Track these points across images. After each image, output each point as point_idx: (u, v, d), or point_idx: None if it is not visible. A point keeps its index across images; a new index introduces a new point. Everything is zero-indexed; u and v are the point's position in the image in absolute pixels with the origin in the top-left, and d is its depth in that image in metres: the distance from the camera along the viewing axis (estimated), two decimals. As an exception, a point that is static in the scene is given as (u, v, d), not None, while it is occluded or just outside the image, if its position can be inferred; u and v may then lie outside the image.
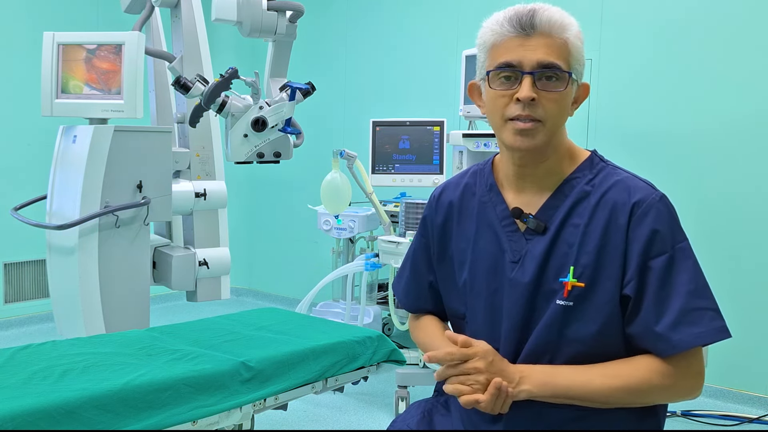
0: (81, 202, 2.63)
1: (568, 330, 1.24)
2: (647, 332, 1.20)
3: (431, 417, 1.44)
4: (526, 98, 1.21)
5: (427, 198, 1.54)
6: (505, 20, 1.24)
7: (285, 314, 2.53)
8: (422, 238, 1.49)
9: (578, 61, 1.25)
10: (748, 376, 3.22)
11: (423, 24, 4.33)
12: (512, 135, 1.24)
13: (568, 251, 1.25)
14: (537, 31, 1.22)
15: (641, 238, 1.21)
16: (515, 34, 1.22)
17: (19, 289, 4.34)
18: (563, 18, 1.24)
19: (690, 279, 1.21)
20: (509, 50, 1.23)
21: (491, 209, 1.36)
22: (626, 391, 1.20)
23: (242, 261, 5.19)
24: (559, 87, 1.23)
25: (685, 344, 1.18)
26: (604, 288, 1.23)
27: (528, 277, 1.27)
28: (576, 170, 1.31)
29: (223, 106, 2.59)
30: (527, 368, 1.23)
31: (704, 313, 1.19)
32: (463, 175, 1.46)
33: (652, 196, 1.24)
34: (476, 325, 1.34)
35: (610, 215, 1.24)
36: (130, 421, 1.60)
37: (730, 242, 3.24)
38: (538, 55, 1.21)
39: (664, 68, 3.44)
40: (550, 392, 1.20)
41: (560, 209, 1.28)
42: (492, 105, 1.27)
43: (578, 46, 1.25)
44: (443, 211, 1.44)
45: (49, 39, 2.74)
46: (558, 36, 1.22)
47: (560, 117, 1.26)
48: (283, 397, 1.93)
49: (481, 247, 1.35)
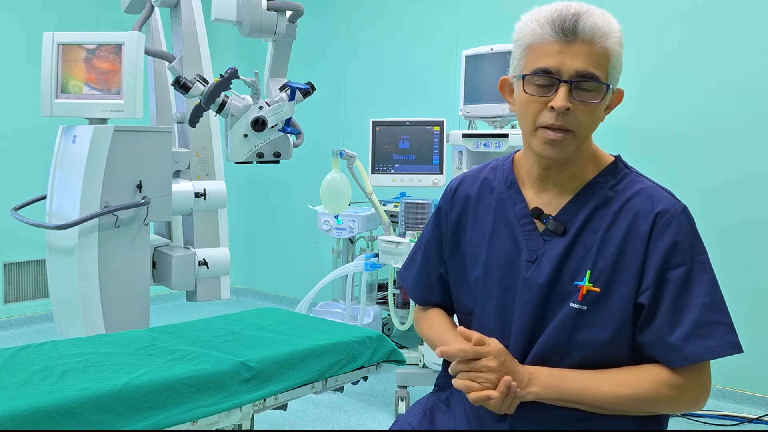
0: (81, 202, 2.63)
1: (579, 334, 1.23)
2: (659, 342, 1.20)
3: (433, 414, 1.42)
4: (561, 108, 1.18)
5: (427, 198, 1.54)
6: (546, 22, 1.19)
7: (285, 314, 2.53)
8: (435, 230, 1.46)
9: (617, 69, 1.23)
10: (748, 376, 3.22)
11: (423, 24, 4.33)
12: (541, 144, 1.23)
13: (586, 255, 1.25)
14: (579, 39, 1.18)
15: (662, 248, 1.21)
16: (556, 38, 1.19)
17: (19, 289, 4.33)
18: (606, 25, 1.20)
19: (707, 292, 1.20)
20: (548, 55, 1.19)
21: (510, 207, 1.34)
22: (634, 400, 1.20)
23: (242, 261, 5.19)
24: (595, 98, 1.21)
25: (697, 357, 1.19)
26: (619, 294, 1.22)
27: (543, 278, 1.26)
28: (599, 174, 1.30)
29: (223, 106, 2.59)
30: (537, 370, 1.22)
31: (718, 327, 1.19)
32: (481, 169, 1.43)
33: (675, 207, 1.23)
34: (486, 322, 1.33)
35: (632, 223, 1.23)
36: (130, 421, 1.60)
37: (730, 242, 3.24)
38: (577, 64, 1.18)
39: (664, 68, 3.44)
40: (557, 396, 1.20)
41: (581, 212, 1.27)
42: (524, 109, 1.25)
43: (618, 53, 1.22)
44: (459, 204, 1.41)
45: (49, 39, 2.74)
46: (600, 44, 1.19)
47: (592, 127, 1.24)
48: (282, 397, 1.93)
49: (497, 245, 1.33)
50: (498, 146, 2.91)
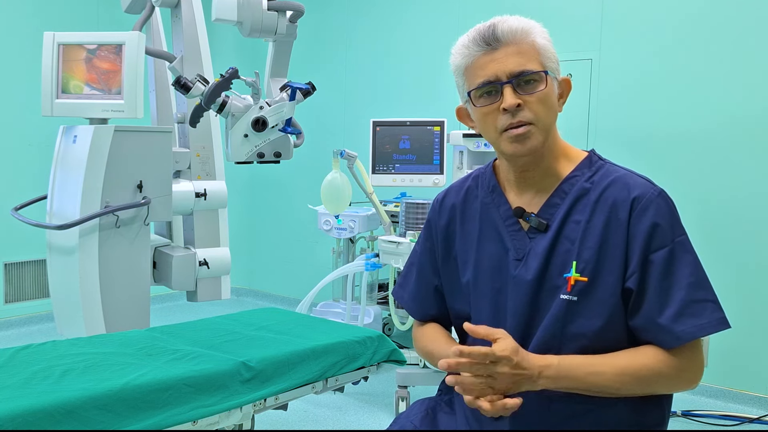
0: (81, 202, 2.63)
1: (572, 325, 1.26)
2: (651, 324, 1.23)
3: (435, 415, 1.44)
4: (511, 106, 1.24)
5: (428, 198, 1.56)
6: (470, 41, 1.29)
7: (285, 314, 2.53)
8: (427, 242, 1.50)
9: (550, 59, 1.28)
10: (748, 376, 3.21)
11: (423, 24, 4.33)
12: (509, 144, 1.28)
13: (570, 247, 1.28)
14: (502, 43, 1.26)
15: (642, 232, 1.24)
16: (483, 51, 1.27)
17: (20, 289, 4.34)
18: (523, 23, 1.28)
19: (691, 272, 1.23)
20: (482, 67, 1.27)
21: (494, 210, 1.39)
22: (636, 381, 1.23)
23: (242, 261, 5.19)
24: (539, 87, 1.26)
25: (688, 335, 1.21)
26: (607, 282, 1.25)
27: (531, 275, 1.29)
28: (575, 169, 1.34)
29: (224, 106, 2.59)
30: (546, 364, 1.21)
31: (705, 305, 1.23)
32: (465, 180, 1.49)
33: (651, 191, 1.27)
34: (480, 324, 1.34)
35: (611, 211, 1.27)
36: (130, 421, 1.60)
37: (730, 242, 3.24)
38: (509, 65, 1.25)
39: (664, 68, 3.44)
40: (564, 385, 1.22)
41: (561, 207, 1.31)
42: (482, 122, 1.31)
43: (546, 46, 1.28)
44: (446, 213, 1.46)
45: (50, 39, 2.74)
46: (523, 41, 1.26)
47: (549, 115, 1.29)
48: (283, 397, 1.94)
49: (485, 247, 1.38)
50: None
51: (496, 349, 1.17)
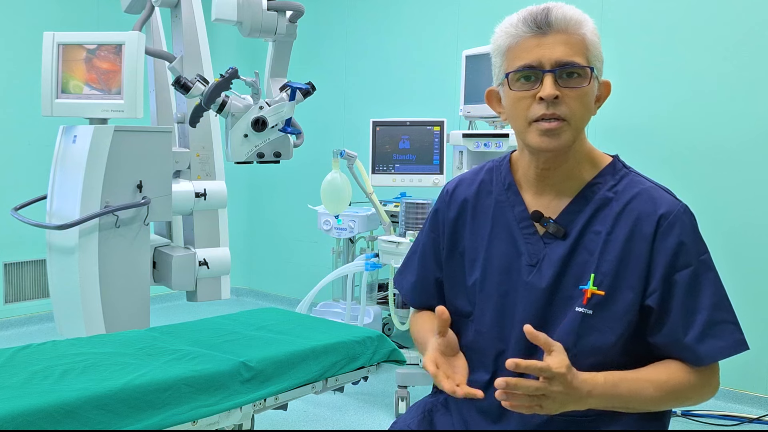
0: (81, 202, 2.63)
1: (586, 340, 1.22)
2: (675, 343, 1.21)
3: (431, 417, 1.42)
4: (549, 96, 1.18)
5: (428, 198, 1.54)
6: (519, 21, 1.22)
7: (285, 314, 2.53)
8: (431, 233, 1.45)
9: (597, 57, 1.23)
10: (748, 376, 3.22)
11: (423, 24, 4.33)
12: (537, 136, 1.21)
13: (589, 258, 1.24)
14: (553, 29, 1.19)
15: (667, 249, 1.21)
16: (531, 34, 1.20)
17: (19, 289, 4.34)
18: (578, 14, 1.22)
19: (714, 292, 1.22)
20: (527, 51, 1.20)
21: (509, 210, 1.33)
22: (673, 397, 1.21)
23: (242, 261, 5.19)
24: (582, 83, 1.21)
25: (710, 358, 1.21)
26: (624, 297, 1.21)
27: (545, 282, 1.26)
28: (598, 175, 1.29)
29: (223, 106, 2.59)
30: (594, 384, 1.16)
31: (726, 327, 1.22)
32: (478, 171, 1.43)
33: (677, 208, 1.23)
34: (482, 325, 1.32)
35: (634, 225, 1.23)
36: (130, 421, 1.60)
37: (730, 242, 3.24)
38: (556, 53, 1.19)
39: (665, 69, 3.44)
40: (611, 404, 1.18)
41: (581, 215, 1.26)
42: (514, 108, 1.25)
43: (596, 43, 1.23)
44: (456, 206, 1.40)
45: (49, 39, 2.74)
46: (575, 32, 1.20)
47: (585, 115, 1.23)
48: (283, 397, 1.93)
49: (496, 247, 1.33)
50: (498, 146, 2.91)
51: (552, 364, 1.09)
